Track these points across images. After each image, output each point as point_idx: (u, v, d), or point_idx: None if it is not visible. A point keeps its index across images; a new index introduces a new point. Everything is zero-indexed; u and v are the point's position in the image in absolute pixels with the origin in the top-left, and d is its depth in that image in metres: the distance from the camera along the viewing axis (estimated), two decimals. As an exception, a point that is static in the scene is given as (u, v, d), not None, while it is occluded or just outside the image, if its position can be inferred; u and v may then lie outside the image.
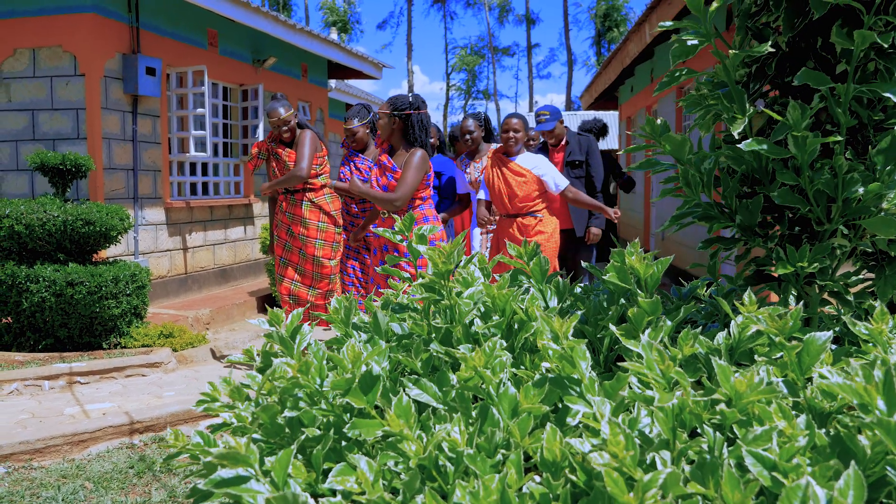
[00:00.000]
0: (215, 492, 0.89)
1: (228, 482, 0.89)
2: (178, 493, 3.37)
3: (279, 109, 5.74)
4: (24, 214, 6.15)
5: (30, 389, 5.52)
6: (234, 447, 0.90)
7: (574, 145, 6.38)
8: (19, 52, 7.76)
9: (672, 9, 8.17)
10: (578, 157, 6.33)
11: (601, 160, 6.46)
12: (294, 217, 5.80)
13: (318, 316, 5.68)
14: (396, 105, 4.96)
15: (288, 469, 0.91)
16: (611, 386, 1.02)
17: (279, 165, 5.86)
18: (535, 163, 5.61)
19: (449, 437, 0.93)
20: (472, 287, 1.23)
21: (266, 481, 0.90)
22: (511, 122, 5.61)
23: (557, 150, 6.43)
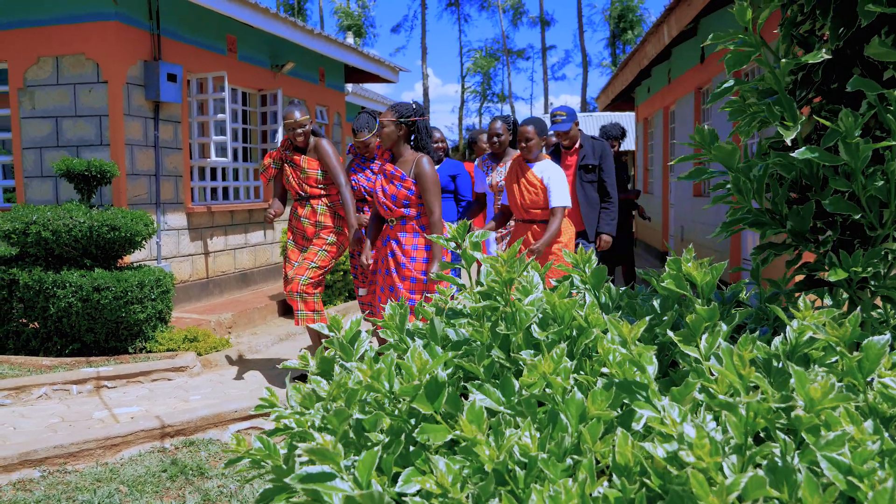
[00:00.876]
0: (300, 487, 0.91)
1: (314, 477, 0.92)
2: (212, 496, 3.41)
3: (295, 112, 5.74)
4: (50, 221, 6.22)
5: (58, 394, 5.58)
6: (322, 444, 0.93)
7: (588, 149, 6.31)
8: (43, 60, 7.84)
9: (691, 10, 8.17)
10: (592, 162, 6.24)
11: (614, 166, 6.38)
12: (308, 221, 5.80)
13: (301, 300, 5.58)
14: (402, 112, 5.02)
15: (373, 469, 0.93)
16: (678, 391, 1.04)
17: (295, 173, 5.83)
18: (548, 173, 5.57)
19: (521, 442, 0.95)
20: (532, 294, 1.26)
21: (349, 479, 0.92)
22: (525, 129, 5.58)
23: (571, 153, 6.36)
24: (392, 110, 5.05)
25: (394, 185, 5.01)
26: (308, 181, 5.79)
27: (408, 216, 5.06)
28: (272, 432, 1.50)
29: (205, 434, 4.20)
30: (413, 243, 5.05)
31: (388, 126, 5.00)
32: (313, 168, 5.78)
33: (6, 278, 6.39)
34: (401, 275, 5.07)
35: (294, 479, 0.92)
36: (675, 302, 1.34)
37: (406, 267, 5.03)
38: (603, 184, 6.23)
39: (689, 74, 11.38)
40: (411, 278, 5.03)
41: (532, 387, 1.10)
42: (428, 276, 5.06)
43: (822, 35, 1.62)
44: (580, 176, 6.22)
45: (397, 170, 5.00)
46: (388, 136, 5.01)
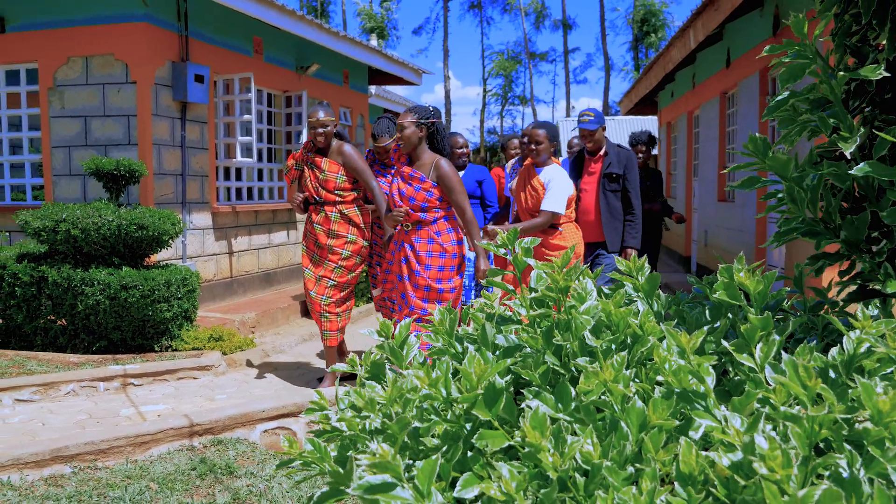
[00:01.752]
0: (366, 497, 0.92)
1: (377, 488, 0.92)
2: (242, 495, 3.43)
3: (319, 112, 5.65)
4: (80, 219, 6.28)
5: (85, 390, 5.63)
6: (382, 455, 0.93)
7: (613, 157, 6.09)
8: (73, 60, 7.93)
9: (719, 15, 8.13)
10: (616, 171, 6.01)
11: (639, 176, 6.17)
12: (323, 228, 5.70)
13: (327, 321, 5.60)
14: (422, 114, 4.98)
15: (433, 478, 0.94)
16: (739, 401, 1.04)
17: (314, 174, 5.72)
18: (549, 176, 5.51)
19: (583, 450, 0.96)
20: (587, 302, 1.26)
21: (410, 487, 0.93)
22: (536, 132, 5.52)
23: (595, 159, 6.14)
24: (412, 112, 5.00)
25: (411, 188, 4.94)
26: (326, 185, 5.68)
27: (424, 221, 4.99)
28: (319, 433, 1.51)
29: (232, 433, 4.22)
30: (427, 250, 4.97)
31: (409, 128, 4.94)
32: (333, 171, 5.68)
33: (35, 275, 6.46)
34: (413, 282, 4.98)
35: (357, 490, 0.93)
36: (727, 310, 1.34)
37: (420, 275, 4.94)
38: (627, 194, 6.04)
39: (714, 79, 11.32)
40: (425, 287, 4.95)
41: (589, 394, 1.10)
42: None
43: (878, 45, 1.61)
44: (603, 184, 6.01)
45: (416, 171, 4.95)
46: (409, 139, 4.95)
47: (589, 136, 6.05)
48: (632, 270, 1.39)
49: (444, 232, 5.00)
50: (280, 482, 3.59)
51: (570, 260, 1.44)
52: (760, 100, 8.96)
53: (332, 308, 5.71)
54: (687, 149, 13.69)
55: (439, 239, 4.97)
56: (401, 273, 5.07)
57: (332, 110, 5.80)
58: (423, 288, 4.95)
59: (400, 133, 4.99)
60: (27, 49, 8.06)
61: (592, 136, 6.03)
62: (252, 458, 3.95)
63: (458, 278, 5.03)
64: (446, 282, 4.97)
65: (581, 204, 5.99)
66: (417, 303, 4.96)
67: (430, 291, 4.95)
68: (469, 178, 6.54)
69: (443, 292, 4.95)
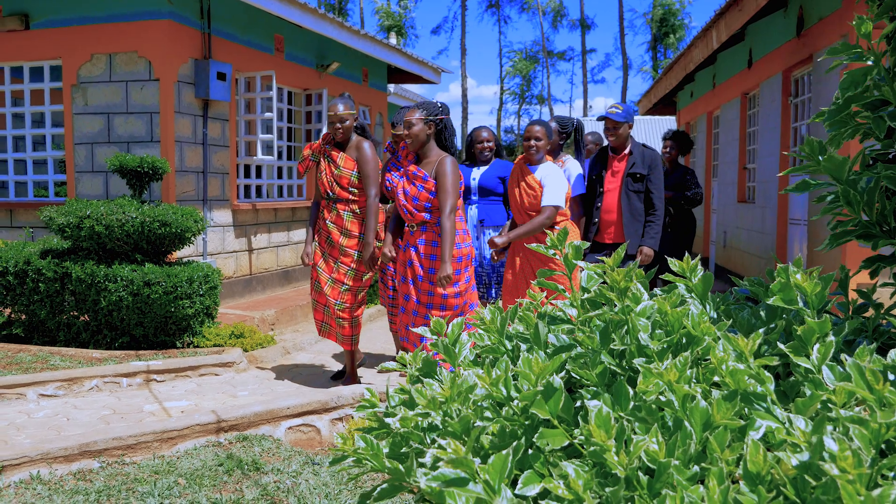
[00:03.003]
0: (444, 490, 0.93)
1: (450, 483, 0.93)
2: (270, 490, 3.44)
3: (339, 105, 5.48)
4: (103, 215, 6.32)
5: (108, 386, 5.67)
6: (455, 449, 0.94)
7: (637, 157, 5.86)
8: (96, 58, 7.98)
9: (743, 15, 8.09)
10: (641, 171, 5.79)
11: (663, 178, 5.94)
12: (335, 226, 5.56)
13: (341, 326, 5.48)
14: (430, 111, 4.89)
15: (504, 474, 0.94)
16: (802, 403, 1.04)
17: (329, 169, 5.56)
18: (545, 173, 5.34)
19: (649, 449, 0.96)
20: (643, 302, 1.26)
21: (481, 483, 0.94)
22: (533, 129, 5.35)
23: (619, 158, 5.90)
24: (420, 109, 4.89)
25: (415, 187, 4.86)
26: (340, 181, 5.52)
27: (428, 221, 4.92)
28: (368, 430, 1.51)
29: (257, 430, 4.24)
30: (432, 253, 4.87)
31: (418, 125, 4.85)
32: (348, 167, 5.52)
33: (59, 271, 6.51)
34: (416, 286, 4.91)
35: (433, 481, 0.93)
36: (782, 312, 1.34)
37: (423, 279, 4.86)
38: (650, 195, 5.84)
39: (735, 79, 11.27)
40: (428, 291, 4.87)
41: (647, 394, 1.10)
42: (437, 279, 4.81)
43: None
44: (626, 184, 5.82)
45: (420, 170, 4.87)
46: (417, 136, 4.86)
47: (613, 130, 5.81)
48: (685, 271, 1.39)
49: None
50: (307, 479, 3.60)
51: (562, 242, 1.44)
52: (783, 101, 8.91)
53: (346, 314, 5.59)
54: (706, 149, 13.64)
55: (434, 232, 4.88)
56: (405, 275, 4.99)
57: (352, 103, 5.61)
58: (426, 293, 4.86)
59: (407, 130, 4.88)
60: (51, 46, 8.11)
61: (616, 129, 5.80)
62: (277, 454, 3.97)
63: (463, 282, 4.92)
64: (451, 286, 4.86)
65: (603, 203, 5.86)
66: (421, 308, 4.87)
67: (433, 296, 4.85)
68: (490, 174, 6.39)
69: (447, 297, 4.84)
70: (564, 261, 1.39)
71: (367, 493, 1.33)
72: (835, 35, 6.98)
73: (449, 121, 5.02)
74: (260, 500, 3.36)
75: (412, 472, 1.09)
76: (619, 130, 5.80)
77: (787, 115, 8.94)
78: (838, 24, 6.89)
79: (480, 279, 6.48)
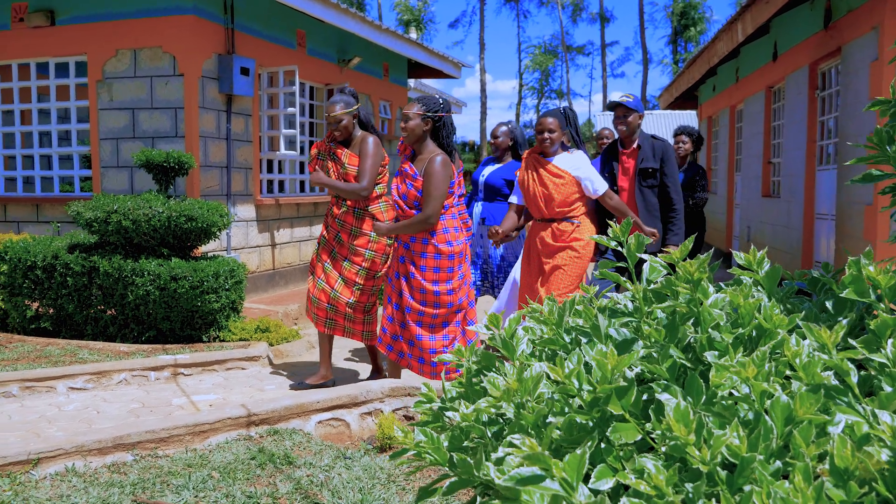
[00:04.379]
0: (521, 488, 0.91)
1: (527, 480, 0.91)
2: (303, 484, 3.45)
3: (335, 105, 5.28)
4: (130, 210, 6.35)
5: (137, 379, 5.70)
6: (531, 446, 0.93)
7: (647, 150, 5.58)
8: (121, 53, 8.02)
9: (770, 7, 8.01)
10: (652, 165, 5.52)
11: (677, 168, 5.65)
12: (344, 224, 5.39)
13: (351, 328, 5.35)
14: (430, 106, 4.75)
15: (582, 470, 0.93)
16: (886, 397, 1.02)
17: (336, 166, 5.41)
18: (574, 164, 5.22)
19: (731, 443, 0.94)
20: (713, 294, 1.24)
21: (559, 479, 0.92)
22: (545, 121, 5.21)
23: (629, 154, 5.66)
24: (419, 103, 4.75)
25: (405, 185, 4.77)
26: (347, 178, 5.35)
27: None
28: (422, 423, 1.50)
29: (288, 423, 4.24)
30: (422, 251, 4.78)
31: (414, 119, 4.69)
32: (353, 164, 5.35)
33: (87, 265, 6.55)
34: (409, 283, 4.84)
35: (509, 481, 0.92)
36: (853, 305, 1.32)
37: (415, 276, 4.79)
38: (666, 189, 5.54)
39: (759, 73, 11.17)
40: (420, 289, 4.80)
41: (721, 388, 1.09)
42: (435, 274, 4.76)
43: None
44: (639, 181, 5.57)
45: (411, 167, 4.76)
46: (413, 131, 4.71)
47: (623, 118, 5.55)
48: (751, 264, 1.37)
49: (441, 232, 4.79)
50: (340, 472, 3.60)
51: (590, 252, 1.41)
52: (809, 94, 8.82)
53: (359, 313, 5.47)
54: (729, 143, 13.54)
55: (434, 239, 4.76)
56: (398, 272, 4.93)
57: (351, 98, 5.37)
58: (419, 290, 4.80)
59: (404, 124, 4.75)
60: (77, 42, 8.16)
61: (627, 117, 5.54)
62: (308, 448, 3.97)
63: (457, 279, 4.84)
64: (444, 283, 4.79)
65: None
66: (415, 305, 4.81)
67: (426, 294, 4.79)
68: (498, 174, 6.31)
69: (440, 294, 4.78)
70: (627, 252, 1.37)
71: (427, 488, 1.32)
72: (865, 26, 6.89)
73: (449, 118, 4.86)
74: (294, 493, 3.37)
75: (482, 466, 1.08)
76: (630, 118, 5.54)
77: (813, 109, 8.85)
78: (868, 16, 6.80)
79: (485, 276, 6.45)
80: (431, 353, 4.85)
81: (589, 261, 5.32)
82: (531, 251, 5.41)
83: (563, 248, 5.23)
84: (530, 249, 5.42)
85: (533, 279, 5.39)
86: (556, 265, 5.23)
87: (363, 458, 3.84)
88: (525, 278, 5.50)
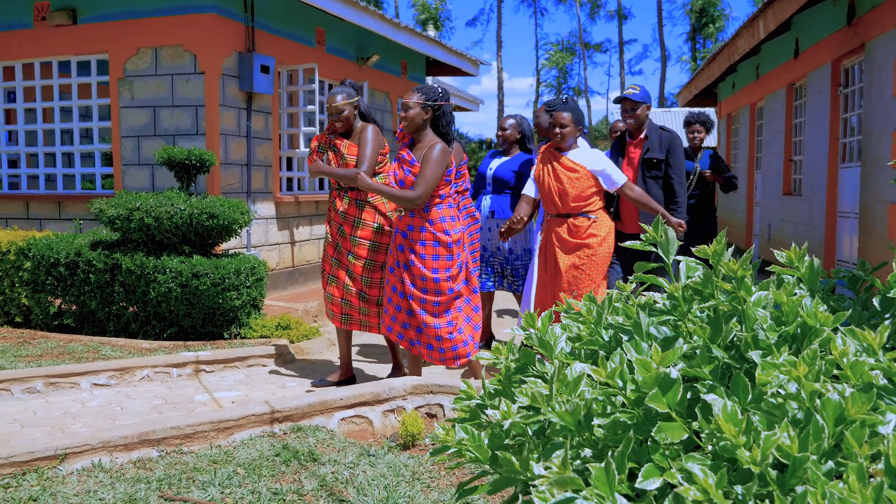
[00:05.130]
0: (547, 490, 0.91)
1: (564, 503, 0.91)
2: (329, 481, 3.45)
3: (336, 95, 5.24)
4: (153, 207, 6.38)
5: (159, 376, 5.73)
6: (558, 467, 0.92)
7: (654, 141, 5.48)
8: (142, 51, 8.06)
9: (793, 4, 7.95)
10: (657, 155, 5.43)
11: (684, 161, 5.58)
12: (347, 217, 5.31)
13: (367, 324, 5.30)
14: (429, 95, 4.79)
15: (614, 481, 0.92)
16: (940, 397, 1.01)
17: (336, 158, 5.34)
18: (590, 158, 5.16)
19: (782, 444, 0.93)
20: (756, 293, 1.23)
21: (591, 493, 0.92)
22: (560, 115, 5.15)
23: (635, 144, 5.58)
24: (419, 92, 4.79)
25: (402, 171, 4.80)
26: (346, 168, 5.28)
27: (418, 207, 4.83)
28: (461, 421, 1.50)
29: (311, 420, 4.25)
30: (421, 238, 4.80)
31: (415, 108, 4.74)
32: (353, 155, 5.28)
33: (109, 262, 6.59)
34: (410, 271, 4.85)
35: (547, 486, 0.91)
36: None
37: (415, 264, 4.80)
38: (670, 181, 5.46)
39: (780, 70, 11.09)
40: (421, 277, 4.81)
41: (768, 386, 1.08)
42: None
43: None
44: (642, 171, 5.49)
45: (409, 154, 4.80)
46: (413, 120, 4.76)
47: (630, 111, 5.50)
48: (792, 261, 1.35)
49: (438, 220, 4.81)
50: (364, 470, 3.61)
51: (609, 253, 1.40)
52: (832, 91, 8.74)
53: (373, 306, 5.40)
54: (749, 141, 13.44)
55: (432, 227, 4.79)
56: (398, 260, 4.93)
57: (352, 91, 5.34)
58: (419, 277, 4.81)
59: (404, 112, 4.78)
60: (98, 40, 8.21)
61: (634, 110, 5.48)
62: (332, 445, 3.98)
63: (455, 267, 4.86)
64: (443, 271, 4.81)
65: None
66: (416, 292, 4.83)
67: (426, 281, 4.80)
68: (507, 166, 6.26)
69: (439, 282, 4.80)
70: (662, 249, 1.36)
71: (466, 484, 1.32)
72: (889, 23, 6.82)
73: (448, 107, 4.92)
74: (320, 490, 3.37)
75: (528, 466, 1.08)
76: (637, 111, 5.48)
77: (836, 106, 8.77)
78: (893, 12, 6.74)
79: (492, 269, 6.42)
80: (438, 339, 4.88)
81: (608, 258, 5.25)
82: (547, 247, 5.37)
83: (580, 246, 5.18)
84: (546, 246, 5.38)
85: (549, 275, 5.36)
86: (574, 264, 5.19)
87: (387, 456, 3.84)
88: (541, 274, 5.48)
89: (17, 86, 8.84)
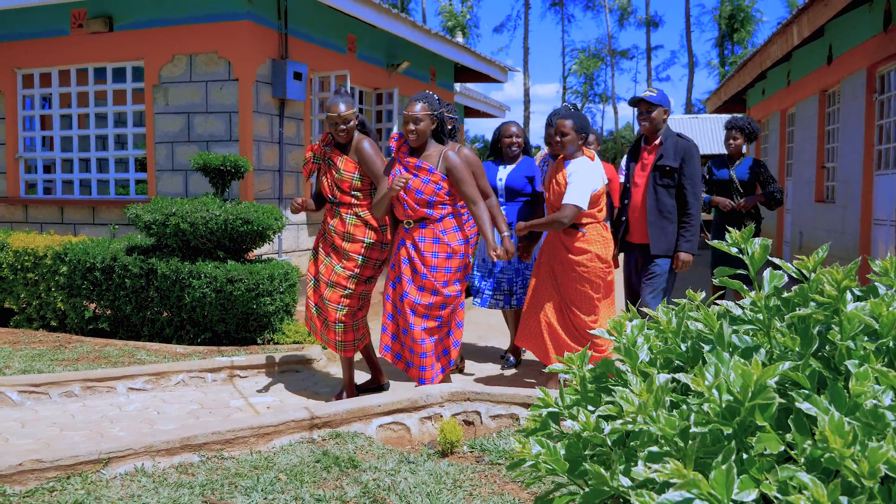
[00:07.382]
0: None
1: (678, 503, 0.90)
2: (371, 488, 3.45)
3: (340, 104, 4.92)
4: (188, 213, 6.42)
5: (194, 381, 5.75)
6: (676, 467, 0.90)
7: (669, 147, 5.26)
8: (177, 58, 8.13)
9: (829, 10, 7.87)
10: (671, 163, 5.21)
11: (699, 171, 5.29)
12: (338, 231, 5.11)
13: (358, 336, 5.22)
14: (433, 105, 4.80)
15: (732, 486, 0.90)
16: None
17: (330, 173, 5.12)
18: (573, 169, 5.04)
19: (891, 457, 0.91)
20: (852, 302, 1.21)
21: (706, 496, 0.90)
22: (563, 122, 5.06)
23: (650, 149, 5.38)
24: (425, 103, 4.75)
25: (419, 179, 4.71)
26: (342, 184, 5.05)
27: (429, 218, 4.76)
28: (532, 431, 1.48)
29: (349, 427, 4.25)
30: (433, 250, 4.72)
31: (425, 120, 4.73)
32: (349, 171, 5.04)
33: (145, 268, 6.64)
34: (417, 284, 4.76)
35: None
36: None
37: (427, 277, 4.72)
38: (683, 191, 5.24)
39: (812, 76, 10.98)
40: (432, 290, 4.73)
41: (864, 396, 1.06)
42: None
43: None
44: (654, 178, 5.27)
45: (423, 162, 4.74)
46: (424, 133, 4.75)
47: (646, 114, 5.31)
48: (888, 271, 1.33)
49: (451, 231, 4.77)
50: (405, 477, 3.59)
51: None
52: (867, 98, 8.65)
53: (347, 318, 5.18)
54: (780, 148, 13.33)
55: (445, 238, 4.74)
56: (401, 273, 4.83)
57: (351, 99, 5.04)
58: (429, 291, 4.74)
59: (414, 126, 4.70)
60: (134, 47, 8.29)
61: (650, 113, 5.30)
62: (371, 452, 3.98)
63: (464, 281, 4.86)
64: (452, 284, 4.78)
65: (630, 200, 5.43)
66: (420, 306, 4.76)
67: (436, 295, 4.75)
68: (517, 173, 6.11)
69: (449, 296, 4.76)
70: (749, 260, 1.34)
71: (545, 496, 1.30)
72: (929, 29, 6.73)
73: (446, 115, 5.03)
74: (362, 497, 3.37)
75: (616, 477, 1.06)
76: (654, 114, 5.29)
77: (871, 113, 8.67)
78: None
79: (500, 286, 6.12)
80: (423, 356, 4.82)
81: (605, 272, 5.15)
82: (542, 253, 5.36)
83: (569, 260, 5.09)
84: (542, 252, 5.37)
85: (539, 280, 5.32)
86: (570, 278, 5.11)
87: (427, 463, 3.83)
88: (535, 279, 5.39)
89: (54, 92, 8.95)
